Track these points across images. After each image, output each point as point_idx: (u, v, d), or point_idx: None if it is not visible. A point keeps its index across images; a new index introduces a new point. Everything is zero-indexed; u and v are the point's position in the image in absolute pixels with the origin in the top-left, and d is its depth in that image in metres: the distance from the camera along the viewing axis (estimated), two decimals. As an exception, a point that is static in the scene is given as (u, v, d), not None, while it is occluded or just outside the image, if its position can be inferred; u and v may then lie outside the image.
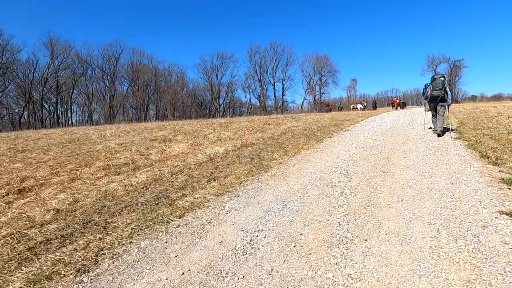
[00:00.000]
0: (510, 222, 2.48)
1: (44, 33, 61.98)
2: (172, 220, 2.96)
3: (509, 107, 12.43)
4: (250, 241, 2.44)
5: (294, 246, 2.31)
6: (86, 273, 2.12)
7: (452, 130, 7.30)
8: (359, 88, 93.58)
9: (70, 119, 54.13)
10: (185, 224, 2.87)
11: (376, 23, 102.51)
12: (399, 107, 31.52)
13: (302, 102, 62.99)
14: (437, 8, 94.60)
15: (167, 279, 1.99)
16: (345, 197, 3.31)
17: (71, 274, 2.10)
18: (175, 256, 2.28)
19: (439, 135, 6.78)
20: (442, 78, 6.94)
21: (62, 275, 2.10)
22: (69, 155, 7.00)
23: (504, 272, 1.81)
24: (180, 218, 3.03)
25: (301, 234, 2.51)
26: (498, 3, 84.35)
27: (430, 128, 7.88)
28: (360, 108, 34.31)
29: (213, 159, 5.67)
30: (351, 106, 37.24)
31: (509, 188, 3.28)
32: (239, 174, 4.56)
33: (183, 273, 2.04)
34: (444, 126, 7.04)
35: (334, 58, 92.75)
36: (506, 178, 3.53)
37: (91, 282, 2.02)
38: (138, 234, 2.69)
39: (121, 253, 2.39)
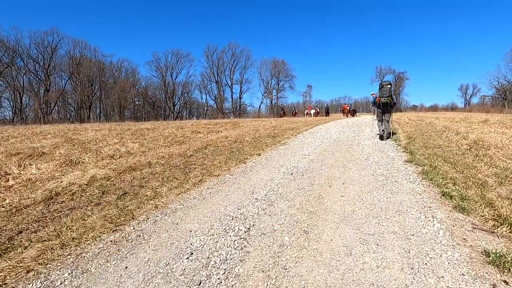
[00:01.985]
0: None
1: (-45, 12, 51.43)
2: None
3: (451, 120, 12.29)
4: None
5: None
6: None
7: (393, 134, 7.89)
8: (314, 94, 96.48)
9: (-7, 115, 45.84)
10: None
11: (331, 32, 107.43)
12: (349, 115, 32.01)
13: (260, 106, 62.38)
14: (386, 24, 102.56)
15: None
16: (205, 329, 1.50)
17: None
18: None
19: (385, 138, 7.32)
20: (389, 86, 7.28)
21: None
22: None
23: None
24: None
25: None
26: (435, 26, 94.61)
27: (378, 134, 7.91)
28: (313, 113, 34.18)
29: (54, 199, 3.50)
30: (305, 112, 37.11)
31: (506, 283, 1.81)
32: (61, 239, 2.51)
33: None
34: (389, 131, 7.51)
35: (291, 63, 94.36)
36: (492, 252, 2.09)
37: None
38: None
39: None
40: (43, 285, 1.90)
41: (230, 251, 2.25)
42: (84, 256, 2.24)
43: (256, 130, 9.86)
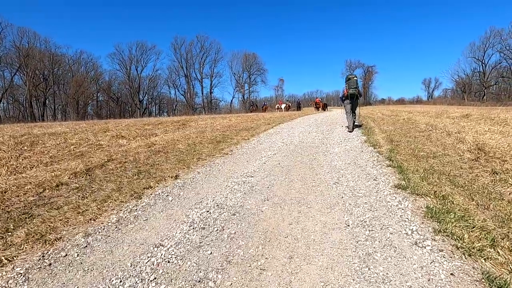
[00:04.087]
0: None
1: None
2: None
3: (428, 114, 11.08)
4: None
5: None
6: None
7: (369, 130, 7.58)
8: (286, 88, 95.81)
9: None
10: None
11: (301, 26, 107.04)
12: (320, 109, 30.94)
13: (231, 100, 60.05)
14: (355, 18, 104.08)
15: None
16: None
17: None
18: None
19: (353, 129, 7.52)
20: (356, 78, 7.56)
21: None
22: None
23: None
24: None
25: None
26: (402, 23, 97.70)
27: (347, 127, 7.98)
28: (284, 108, 32.72)
29: None
30: (276, 106, 35.58)
31: None
32: None
33: None
34: (357, 123, 8.01)
35: (263, 57, 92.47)
36: None
37: None
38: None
39: None
40: None
41: None
42: None
43: (201, 132, 7.73)
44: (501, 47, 48.63)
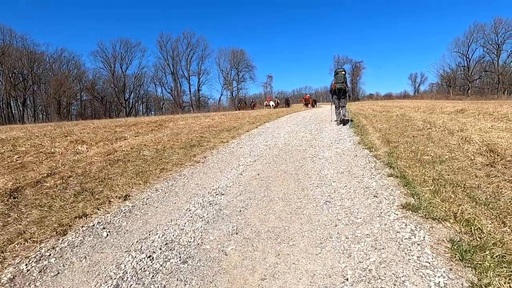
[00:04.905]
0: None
1: None
2: None
3: (419, 109, 10.58)
4: None
5: None
6: None
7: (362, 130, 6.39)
8: (275, 85, 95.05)
9: None
10: None
11: (290, 23, 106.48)
12: (309, 105, 30.42)
13: (220, 98, 58.87)
14: (343, 14, 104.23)
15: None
16: None
17: None
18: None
19: (339, 123, 7.61)
20: (344, 72, 7.47)
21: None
22: None
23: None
24: None
25: None
26: (390, 18, 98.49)
27: (336, 121, 8.07)
28: (272, 105, 32.07)
29: None
30: (264, 103, 34.89)
31: None
32: None
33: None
34: (346, 117, 7.69)
35: (251, 53, 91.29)
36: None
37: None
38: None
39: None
40: None
41: None
42: None
43: (176, 135, 6.88)
44: (484, 41, 49.44)
